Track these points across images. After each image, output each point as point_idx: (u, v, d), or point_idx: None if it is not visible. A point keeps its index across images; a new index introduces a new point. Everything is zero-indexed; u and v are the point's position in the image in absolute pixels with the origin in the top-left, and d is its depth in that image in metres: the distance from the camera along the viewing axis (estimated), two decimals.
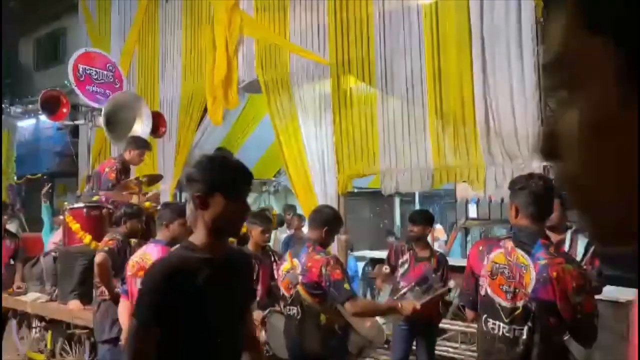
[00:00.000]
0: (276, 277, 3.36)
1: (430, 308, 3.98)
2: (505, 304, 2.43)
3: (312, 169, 6.14)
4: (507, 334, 2.42)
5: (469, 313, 2.74)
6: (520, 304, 2.39)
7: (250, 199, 8.26)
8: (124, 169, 5.02)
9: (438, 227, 8.50)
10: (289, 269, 3.19)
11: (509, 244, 2.48)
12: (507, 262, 2.45)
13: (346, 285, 2.99)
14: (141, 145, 5.13)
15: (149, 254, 3.34)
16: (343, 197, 5.92)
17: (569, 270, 2.32)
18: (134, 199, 4.77)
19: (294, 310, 3.12)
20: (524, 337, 2.38)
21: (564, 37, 0.48)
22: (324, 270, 2.99)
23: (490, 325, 2.48)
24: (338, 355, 3.14)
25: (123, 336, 3.39)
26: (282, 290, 3.25)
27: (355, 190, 7.32)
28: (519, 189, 2.50)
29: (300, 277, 3.08)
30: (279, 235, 7.74)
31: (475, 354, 4.35)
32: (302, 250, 3.19)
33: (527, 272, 2.39)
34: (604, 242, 0.50)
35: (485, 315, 2.52)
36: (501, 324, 2.43)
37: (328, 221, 3.23)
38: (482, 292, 2.55)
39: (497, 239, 2.70)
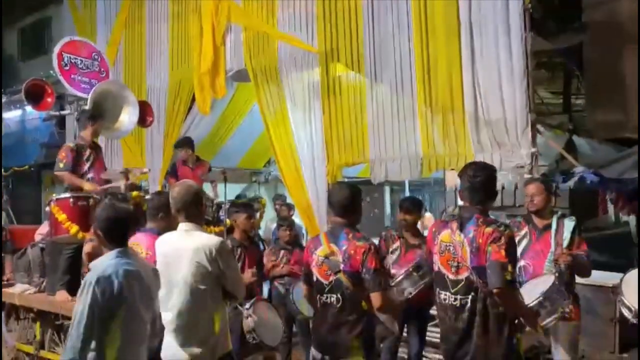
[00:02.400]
0: (310, 262, 3.17)
1: (421, 295, 4.01)
2: (452, 277, 2.82)
3: (301, 158, 6.11)
4: (453, 303, 2.80)
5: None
6: (462, 276, 2.77)
7: (240, 189, 8.25)
8: (78, 149, 4.93)
9: (428, 215, 8.52)
10: (327, 255, 3.07)
11: (454, 225, 2.84)
12: (452, 241, 2.83)
13: (381, 276, 3.00)
14: (97, 117, 5.09)
15: (139, 243, 3.32)
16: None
17: (488, 231, 2.68)
18: (86, 186, 4.72)
19: (332, 297, 3.03)
20: (468, 305, 2.74)
21: None
22: (364, 257, 2.96)
23: (442, 296, 2.86)
24: (371, 343, 3.09)
25: None
26: (318, 277, 3.12)
27: (345, 179, 7.32)
28: (459, 175, 2.91)
29: (342, 265, 3.01)
30: (270, 224, 7.74)
31: None
32: (341, 236, 3.07)
33: (464, 247, 2.76)
34: None
35: (438, 288, 2.90)
36: (449, 294, 2.81)
37: (353, 203, 3.13)
38: (435, 268, 2.93)
39: (447, 220, 2.98)
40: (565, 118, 6.82)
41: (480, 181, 2.81)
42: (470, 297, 2.73)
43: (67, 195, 4.70)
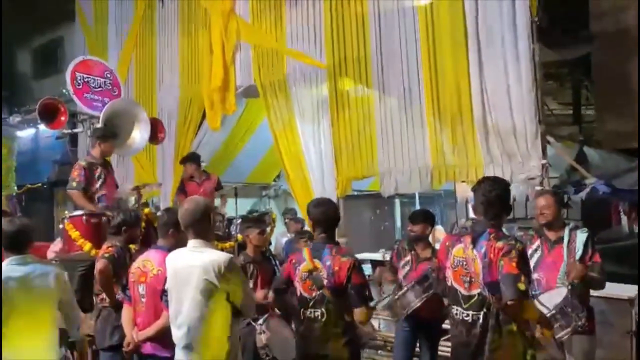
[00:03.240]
0: (293, 277, 3.29)
1: (432, 309, 3.99)
2: (464, 292, 2.81)
3: (311, 172, 6.14)
4: (466, 319, 2.79)
5: (446, 300, 3.12)
6: (475, 292, 2.76)
7: (250, 204, 8.26)
8: (89, 167, 5.00)
9: (439, 227, 8.49)
10: (311, 270, 3.13)
11: (468, 239, 2.82)
12: (465, 256, 2.81)
13: (366, 292, 3.08)
14: (108, 137, 5.18)
15: (150, 260, 3.33)
16: (342, 200, 5.91)
17: (498, 246, 2.67)
18: (90, 206, 4.79)
19: (317, 312, 3.10)
20: (480, 321, 2.72)
21: None
22: (349, 273, 3.04)
23: (454, 311, 2.86)
24: (357, 351, 3.16)
25: (126, 342, 3.38)
26: (302, 292, 3.18)
27: (355, 193, 7.32)
28: (473, 189, 2.91)
29: (326, 281, 3.06)
30: (280, 238, 7.74)
31: None
32: (324, 252, 3.13)
33: (476, 263, 2.75)
34: None
35: (451, 304, 2.90)
36: (461, 310, 2.81)
37: (337, 218, 3.28)
38: (448, 283, 2.92)
39: (460, 235, 2.96)
40: (575, 129, 6.79)
41: (496, 195, 2.81)
42: (482, 313, 2.73)
43: (81, 212, 4.75)
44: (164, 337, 3.15)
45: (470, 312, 2.76)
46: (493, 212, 2.81)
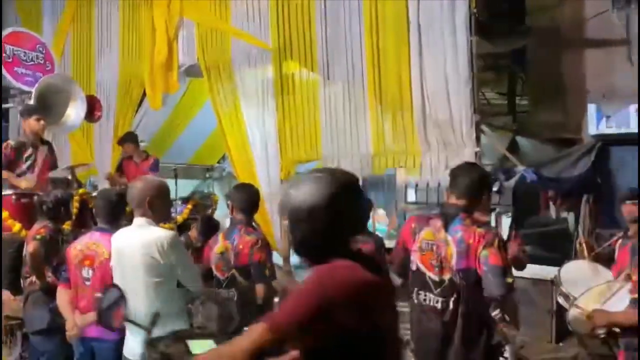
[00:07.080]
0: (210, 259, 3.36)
1: None
2: (434, 277, 2.65)
3: (255, 155, 6.13)
4: (435, 305, 2.64)
5: (394, 278, 2.93)
6: (446, 277, 2.62)
7: (192, 186, 8.13)
8: (17, 147, 4.81)
9: (380, 211, 8.70)
10: (222, 252, 3.22)
11: (438, 222, 2.69)
12: (435, 239, 2.66)
13: (265, 270, 3.14)
14: (31, 111, 4.96)
15: (99, 243, 3.21)
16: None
17: (480, 232, 2.55)
18: (22, 183, 4.63)
19: (230, 293, 3.16)
20: (451, 307, 2.59)
21: None
22: (251, 251, 3.12)
23: (421, 297, 2.71)
24: None
25: (68, 326, 3.26)
26: (216, 273, 3.26)
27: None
28: (452, 173, 2.77)
29: (233, 261, 3.12)
30: (223, 220, 7.70)
31: None
32: (234, 232, 3.24)
33: (448, 247, 2.61)
34: None
35: (416, 288, 2.74)
36: (431, 296, 2.66)
37: (256, 202, 3.36)
38: (414, 267, 2.75)
39: (428, 217, 2.82)
40: (509, 119, 7.08)
41: (477, 180, 2.70)
42: (452, 299, 2.58)
43: (9, 192, 4.56)
44: None
45: (442, 299, 2.61)
46: (470, 196, 2.64)
